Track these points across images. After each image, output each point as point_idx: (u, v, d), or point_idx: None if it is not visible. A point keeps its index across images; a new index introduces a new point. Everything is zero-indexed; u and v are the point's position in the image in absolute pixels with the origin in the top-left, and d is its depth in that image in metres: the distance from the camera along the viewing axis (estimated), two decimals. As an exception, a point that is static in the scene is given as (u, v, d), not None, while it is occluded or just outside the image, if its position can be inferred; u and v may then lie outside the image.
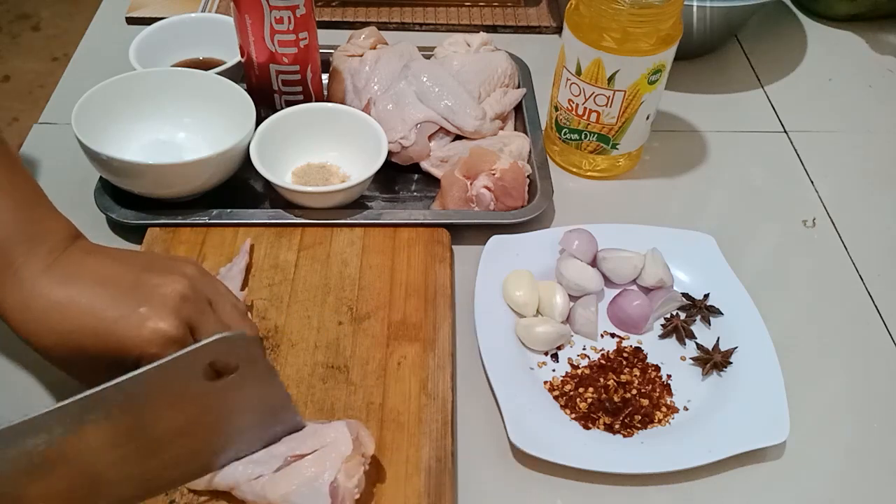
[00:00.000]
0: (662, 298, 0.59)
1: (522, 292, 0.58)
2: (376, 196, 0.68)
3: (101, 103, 0.63)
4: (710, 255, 0.63)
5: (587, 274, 0.60)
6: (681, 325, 0.58)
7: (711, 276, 0.61)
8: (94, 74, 0.66)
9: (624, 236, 0.63)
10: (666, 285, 0.60)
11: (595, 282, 0.60)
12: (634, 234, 0.63)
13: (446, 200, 0.65)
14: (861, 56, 0.89)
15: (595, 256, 0.61)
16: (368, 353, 0.55)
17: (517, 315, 0.58)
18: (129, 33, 0.74)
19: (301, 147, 0.67)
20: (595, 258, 0.61)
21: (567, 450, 0.51)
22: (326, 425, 0.46)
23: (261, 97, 0.68)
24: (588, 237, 0.61)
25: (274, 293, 0.58)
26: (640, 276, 0.61)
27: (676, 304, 0.60)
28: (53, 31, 2.09)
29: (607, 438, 0.52)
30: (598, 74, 0.63)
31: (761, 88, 0.84)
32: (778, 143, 0.77)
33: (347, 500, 0.44)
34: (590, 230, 0.62)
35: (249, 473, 0.45)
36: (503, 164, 0.65)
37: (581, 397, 0.54)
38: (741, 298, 0.59)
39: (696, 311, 0.59)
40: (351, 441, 0.45)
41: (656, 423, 0.53)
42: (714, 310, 0.59)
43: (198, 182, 0.62)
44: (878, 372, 0.58)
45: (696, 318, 0.59)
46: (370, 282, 0.59)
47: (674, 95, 0.79)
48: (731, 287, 0.60)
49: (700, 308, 0.59)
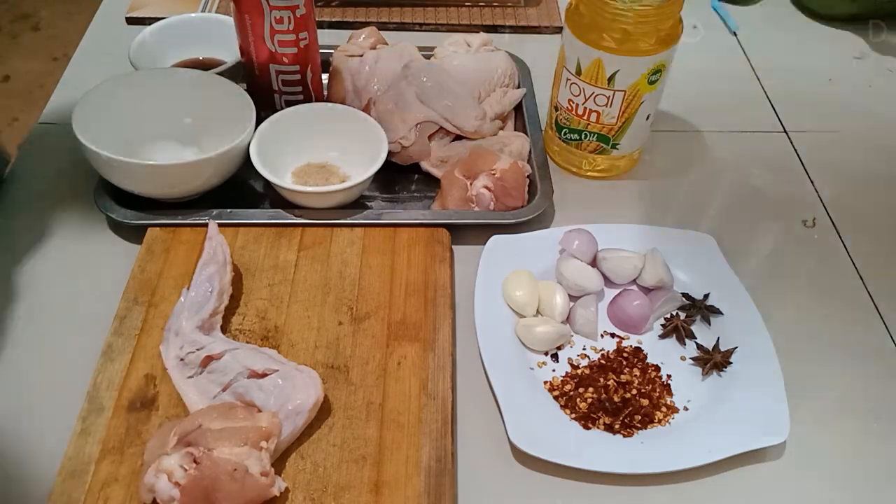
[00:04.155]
0: (662, 298, 0.59)
1: (522, 292, 0.58)
2: (376, 196, 0.68)
3: (101, 103, 0.63)
4: (709, 255, 0.63)
5: (587, 274, 0.60)
6: (681, 325, 0.58)
7: (711, 276, 0.61)
8: (95, 74, 0.66)
9: (624, 236, 0.63)
10: (666, 285, 0.60)
11: (595, 282, 0.60)
12: (634, 234, 0.63)
13: (446, 200, 0.65)
14: (862, 56, 0.89)
15: (595, 256, 0.61)
16: (368, 353, 0.55)
17: (517, 315, 0.58)
18: (129, 33, 0.74)
19: (301, 147, 0.67)
20: (595, 258, 0.61)
21: (567, 450, 0.51)
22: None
23: (261, 97, 0.68)
24: (588, 237, 0.61)
25: (274, 293, 0.58)
26: (640, 276, 0.61)
27: (676, 304, 0.60)
28: (53, 31, 2.09)
29: (607, 439, 0.52)
30: (598, 74, 0.63)
31: (761, 88, 0.84)
32: (778, 143, 0.77)
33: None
34: (590, 230, 0.62)
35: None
36: (503, 164, 0.65)
37: (581, 397, 0.54)
38: (741, 298, 0.59)
39: (696, 311, 0.59)
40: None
41: (656, 423, 0.53)
42: (714, 310, 0.59)
43: (198, 182, 0.62)
44: (877, 372, 0.58)
45: (697, 318, 0.59)
46: (370, 282, 0.59)
47: (674, 95, 0.79)
48: (731, 287, 0.60)
49: (700, 308, 0.59)
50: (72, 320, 0.58)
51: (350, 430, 0.50)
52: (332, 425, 0.51)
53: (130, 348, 0.54)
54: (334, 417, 0.51)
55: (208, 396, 0.51)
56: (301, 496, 0.47)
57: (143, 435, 0.49)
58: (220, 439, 0.46)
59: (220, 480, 0.44)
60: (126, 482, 0.47)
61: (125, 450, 0.49)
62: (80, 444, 0.49)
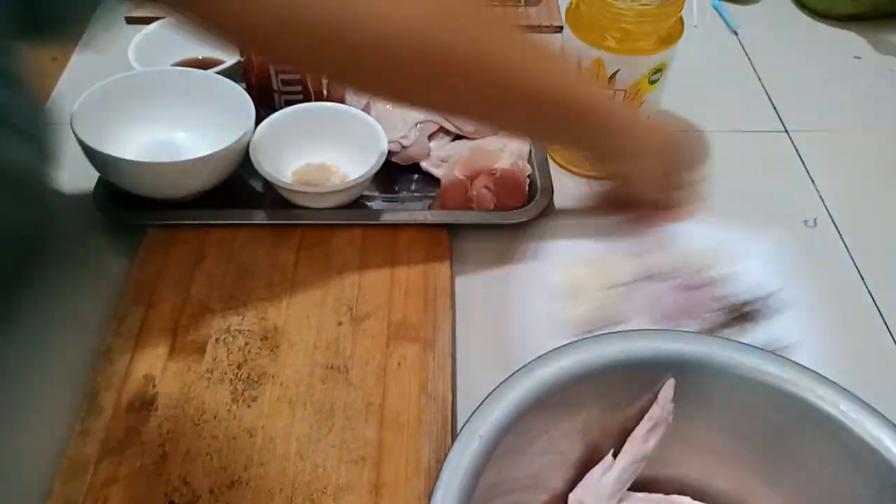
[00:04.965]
0: (710, 293, 0.60)
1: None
2: (376, 196, 0.68)
3: (101, 103, 0.63)
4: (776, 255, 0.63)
5: (632, 265, 0.61)
6: (735, 319, 0.59)
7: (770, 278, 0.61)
8: (94, 74, 0.66)
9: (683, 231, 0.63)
10: (719, 282, 0.61)
11: (640, 274, 0.61)
12: (690, 230, 0.63)
13: (446, 200, 0.65)
14: (862, 56, 0.89)
15: (642, 249, 0.62)
16: (368, 353, 0.54)
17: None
18: (128, 33, 0.74)
19: (300, 147, 0.67)
20: (642, 250, 0.62)
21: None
22: None
23: (260, 96, 0.67)
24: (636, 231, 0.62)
25: (273, 293, 0.58)
26: (689, 269, 0.61)
27: (726, 299, 0.60)
28: (53, 31, 2.09)
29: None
30: (599, 74, 0.63)
31: (762, 88, 0.84)
32: (779, 143, 0.77)
33: None
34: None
35: None
36: (503, 164, 0.64)
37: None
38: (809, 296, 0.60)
39: (747, 310, 0.60)
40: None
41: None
42: (769, 310, 0.60)
43: (197, 181, 0.62)
44: (878, 371, 0.58)
45: (747, 318, 0.59)
46: (370, 282, 0.59)
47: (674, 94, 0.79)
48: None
49: (747, 312, 0.60)
50: (71, 320, 0.58)
51: (350, 430, 0.50)
52: (331, 426, 0.51)
53: (130, 349, 0.54)
54: (334, 418, 0.51)
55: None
56: (301, 497, 0.47)
57: (142, 435, 0.49)
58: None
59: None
60: (125, 483, 0.47)
61: (125, 450, 0.49)
62: (80, 444, 0.49)
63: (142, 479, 0.47)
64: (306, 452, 0.49)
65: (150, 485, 0.47)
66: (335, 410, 0.51)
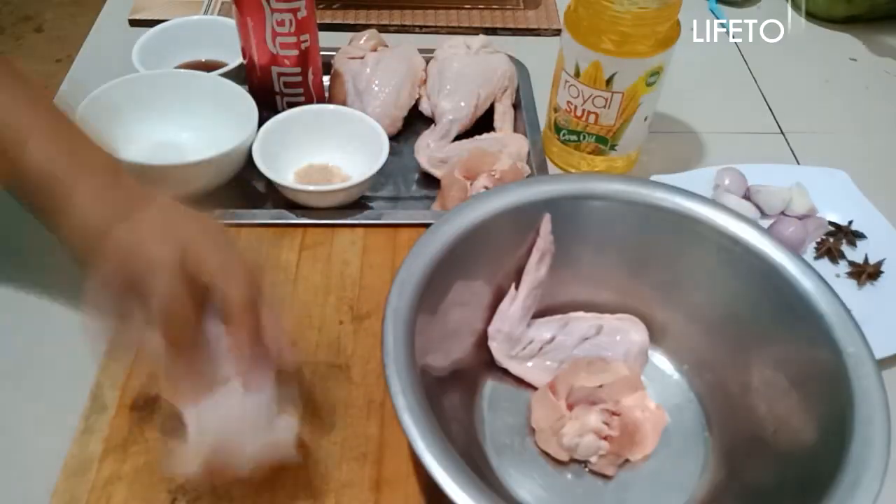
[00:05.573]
0: (813, 225, 0.65)
1: None
2: (377, 196, 0.69)
3: (105, 105, 0.63)
4: (845, 188, 0.69)
5: (744, 207, 0.66)
6: (832, 246, 0.64)
7: (849, 207, 0.67)
8: (98, 76, 0.67)
9: (768, 173, 0.69)
10: (813, 213, 0.67)
11: (751, 213, 0.66)
12: (775, 172, 0.70)
13: (446, 200, 0.66)
14: (858, 58, 0.90)
15: (748, 190, 0.68)
16: (369, 351, 0.55)
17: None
18: (132, 35, 0.75)
19: (303, 148, 0.68)
20: (748, 192, 0.68)
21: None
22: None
23: (263, 99, 0.68)
24: (738, 174, 0.68)
25: (275, 292, 0.58)
26: (789, 206, 0.67)
27: (824, 229, 0.66)
28: (56, 33, 2.09)
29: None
30: (597, 76, 0.64)
31: (758, 90, 0.84)
32: (775, 145, 0.78)
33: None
34: (738, 168, 0.68)
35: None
36: (503, 164, 0.65)
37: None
38: (879, 223, 0.66)
39: (842, 235, 0.65)
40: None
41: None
42: (858, 234, 0.66)
43: (200, 183, 0.62)
44: None
45: (843, 241, 0.65)
46: (371, 281, 0.59)
47: (671, 97, 0.79)
48: (869, 215, 0.66)
49: (846, 232, 0.66)
50: (74, 319, 0.58)
51: (351, 428, 0.51)
52: (332, 423, 0.51)
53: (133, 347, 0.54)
54: (335, 415, 0.51)
55: (551, 372, 0.54)
56: (302, 494, 0.48)
57: (146, 433, 0.50)
58: (616, 392, 0.51)
59: (639, 421, 0.50)
60: (129, 480, 0.48)
61: (128, 448, 0.49)
62: (84, 442, 0.49)
63: (145, 477, 0.48)
64: (308, 449, 0.50)
65: (154, 482, 0.48)
66: (336, 408, 0.52)
